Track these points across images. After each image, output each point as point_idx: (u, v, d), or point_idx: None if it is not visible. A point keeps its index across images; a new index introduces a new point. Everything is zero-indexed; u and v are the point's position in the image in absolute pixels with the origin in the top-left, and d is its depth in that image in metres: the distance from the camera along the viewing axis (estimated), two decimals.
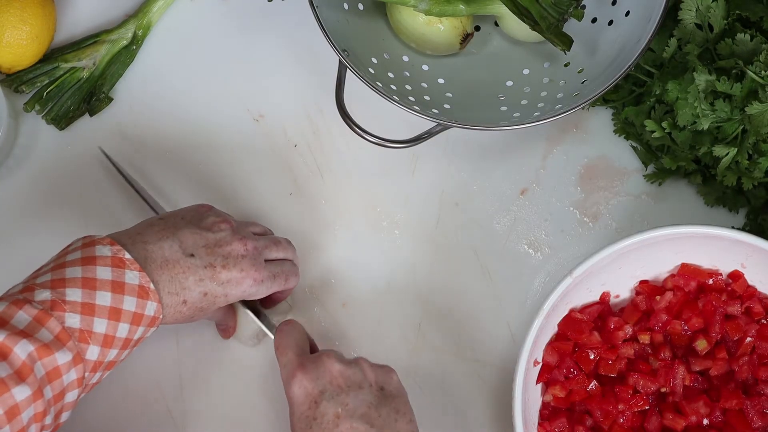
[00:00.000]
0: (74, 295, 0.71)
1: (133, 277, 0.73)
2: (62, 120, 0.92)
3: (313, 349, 0.82)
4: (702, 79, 0.84)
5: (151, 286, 0.74)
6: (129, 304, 0.73)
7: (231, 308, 0.86)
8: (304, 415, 0.74)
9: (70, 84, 0.92)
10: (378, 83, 0.85)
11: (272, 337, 0.83)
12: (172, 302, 0.76)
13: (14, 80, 0.92)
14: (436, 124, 0.83)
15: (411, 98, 0.88)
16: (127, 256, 0.74)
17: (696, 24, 0.87)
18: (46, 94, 0.92)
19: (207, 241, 0.78)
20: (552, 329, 0.85)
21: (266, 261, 0.81)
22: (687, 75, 0.85)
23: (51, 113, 0.92)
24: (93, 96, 0.93)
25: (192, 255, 0.77)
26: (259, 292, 0.80)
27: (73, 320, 0.70)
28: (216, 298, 0.78)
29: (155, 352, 0.87)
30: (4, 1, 0.88)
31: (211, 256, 0.78)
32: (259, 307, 0.86)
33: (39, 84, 0.92)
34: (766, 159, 0.85)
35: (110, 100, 0.94)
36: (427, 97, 0.90)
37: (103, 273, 0.73)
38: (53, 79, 0.92)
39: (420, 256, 0.92)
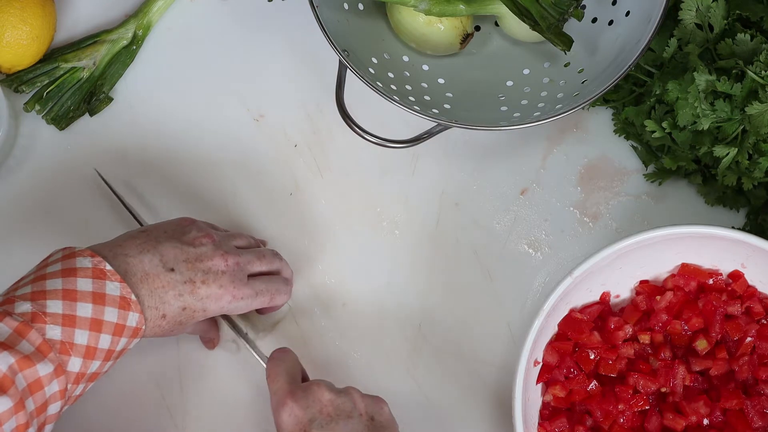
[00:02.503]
0: (55, 306, 0.71)
1: (114, 288, 0.73)
2: (62, 120, 0.92)
3: (304, 379, 0.82)
4: (702, 79, 0.84)
5: (133, 297, 0.74)
6: (110, 315, 0.73)
7: (213, 321, 0.86)
8: None
9: (70, 84, 0.92)
10: (378, 83, 0.85)
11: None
12: (151, 316, 0.76)
13: (14, 80, 0.92)
14: (436, 124, 0.83)
15: (411, 98, 0.88)
16: (108, 267, 0.74)
17: (696, 24, 0.87)
18: (46, 94, 0.91)
19: (188, 256, 0.78)
20: (552, 329, 0.85)
21: (252, 276, 0.81)
22: (687, 75, 0.85)
23: (51, 113, 0.92)
24: (93, 96, 0.93)
25: (172, 269, 0.77)
26: (239, 309, 0.80)
27: (54, 332, 0.70)
28: (195, 312, 0.78)
29: (155, 353, 0.87)
30: (4, 1, 0.88)
31: (191, 271, 0.77)
32: (235, 320, 0.87)
33: (39, 84, 0.92)
34: (766, 159, 0.85)
35: (110, 100, 0.94)
36: (427, 97, 0.89)
37: (84, 284, 0.72)
38: (53, 79, 0.92)
39: (420, 256, 0.91)
